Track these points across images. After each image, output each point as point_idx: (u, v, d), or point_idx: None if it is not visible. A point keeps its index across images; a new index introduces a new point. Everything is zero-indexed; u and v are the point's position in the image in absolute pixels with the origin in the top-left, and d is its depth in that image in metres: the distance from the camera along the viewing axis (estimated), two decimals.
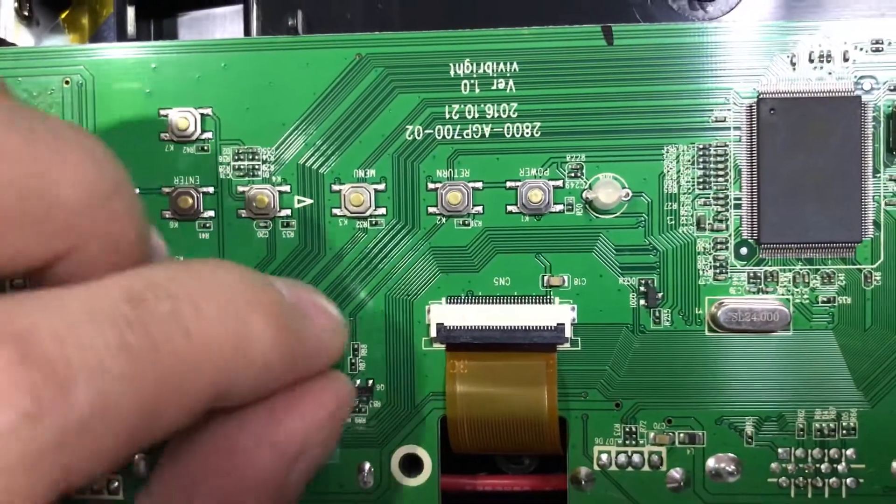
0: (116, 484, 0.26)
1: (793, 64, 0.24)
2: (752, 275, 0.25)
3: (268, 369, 0.17)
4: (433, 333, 0.25)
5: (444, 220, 0.25)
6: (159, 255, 0.21)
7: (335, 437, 0.20)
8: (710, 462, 0.25)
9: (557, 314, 0.24)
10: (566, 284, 0.25)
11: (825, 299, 0.24)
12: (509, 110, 0.25)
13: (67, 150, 0.16)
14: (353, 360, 0.25)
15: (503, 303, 0.25)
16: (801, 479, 0.25)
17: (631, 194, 0.25)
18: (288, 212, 0.25)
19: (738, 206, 0.24)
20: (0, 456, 0.13)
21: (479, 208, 0.25)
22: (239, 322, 0.17)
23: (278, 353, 0.17)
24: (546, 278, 0.25)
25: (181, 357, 0.15)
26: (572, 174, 0.25)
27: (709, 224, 0.25)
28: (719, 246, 0.25)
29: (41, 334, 0.14)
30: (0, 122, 0.15)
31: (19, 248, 0.15)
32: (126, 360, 0.14)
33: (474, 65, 0.25)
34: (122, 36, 0.29)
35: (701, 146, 0.24)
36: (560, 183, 0.25)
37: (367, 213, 0.25)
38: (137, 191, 0.19)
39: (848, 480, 0.25)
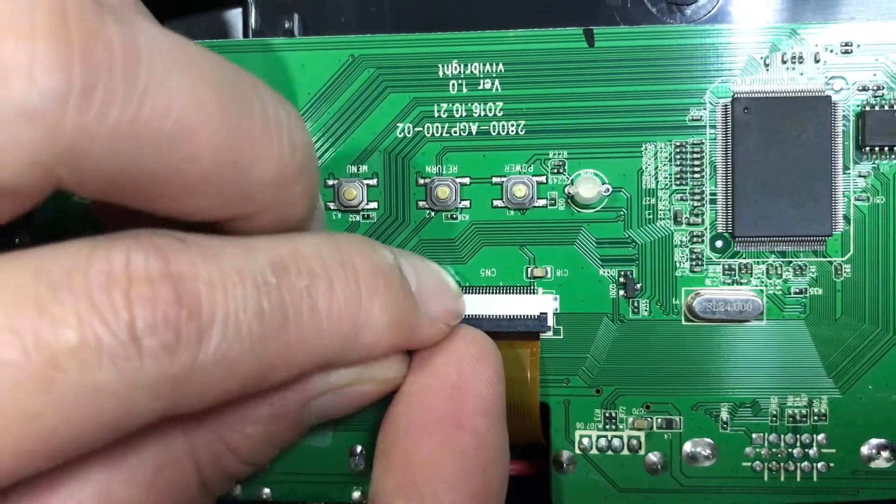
0: None
1: (766, 65, 0.25)
2: (726, 267, 0.26)
3: (371, 353, 0.19)
4: None
5: (433, 213, 0.26)
6: (318, 216, 0.22)
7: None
8: (687, 446, 0.26)
9: (541, 304, 0.26)
10: (549, 275, 0.26)
11: (797, 290, 0.26)
12: (495, 109, 0.26)
13: (272, 132, 0.17)
14: None
15: (489, 293, 0.26)
16: (774, 463, 0.26)
17: (611, 189, 0.26)
18: None
19: (713, 202, 0.25)
20: (134, 373, 0.14)
21: (467, 203, 0.26)
22: (362, 310, 0.18)
23: (385, 342, 0.19)
24: (530, 270, 0.26)
25: (303, 333, 0.17)
26: (555, 170, 0.26)
27: (685, 218, 0.26)
28: (695, 239, 0.26)
29: (198, 280, 0.15)
30: (224, 97, 0.17)
31: (205, 205, 0.17)
32: (257, 323, 0.16)
33: (462, 66, 0.26)
34: None
35: (678, 144, 0.25)
36: (543, 179, 0.26)
37: (360, 207, 0.26)
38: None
39: (819, 465, 0.26)
